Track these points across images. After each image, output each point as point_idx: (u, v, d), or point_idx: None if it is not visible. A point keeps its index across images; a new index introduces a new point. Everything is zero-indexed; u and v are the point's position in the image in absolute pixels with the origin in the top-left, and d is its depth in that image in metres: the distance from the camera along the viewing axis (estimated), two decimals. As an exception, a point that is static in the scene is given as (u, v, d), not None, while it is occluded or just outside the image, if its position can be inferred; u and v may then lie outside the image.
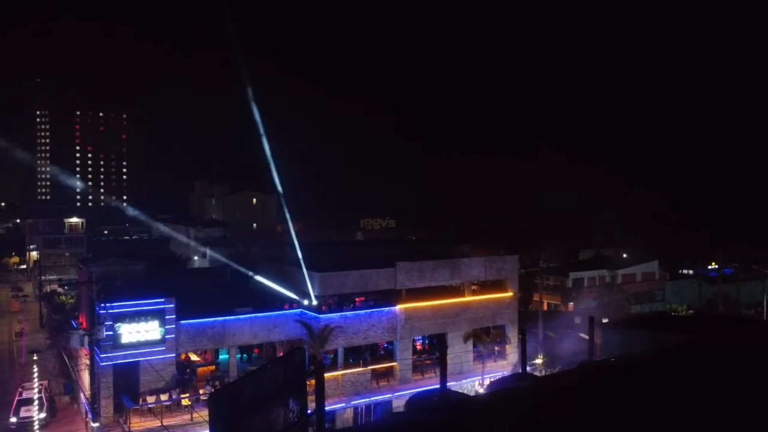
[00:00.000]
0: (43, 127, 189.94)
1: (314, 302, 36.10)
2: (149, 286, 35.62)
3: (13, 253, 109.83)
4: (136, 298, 32.22)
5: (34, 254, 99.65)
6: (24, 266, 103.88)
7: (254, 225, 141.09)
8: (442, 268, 40.65)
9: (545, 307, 68.75)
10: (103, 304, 30.18)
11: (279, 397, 19.35)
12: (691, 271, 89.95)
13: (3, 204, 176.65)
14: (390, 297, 38.74)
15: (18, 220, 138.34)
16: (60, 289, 70.27)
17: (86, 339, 30.30)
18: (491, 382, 29.11)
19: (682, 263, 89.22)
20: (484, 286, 44.11)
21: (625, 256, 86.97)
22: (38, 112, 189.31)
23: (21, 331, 59.35)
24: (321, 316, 35.59)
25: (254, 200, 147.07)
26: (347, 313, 36.75)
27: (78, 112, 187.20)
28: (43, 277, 74.87)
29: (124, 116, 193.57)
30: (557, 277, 73.45)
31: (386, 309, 37.99)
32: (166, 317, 32.81)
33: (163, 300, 32.79)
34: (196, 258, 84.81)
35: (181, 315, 33.46)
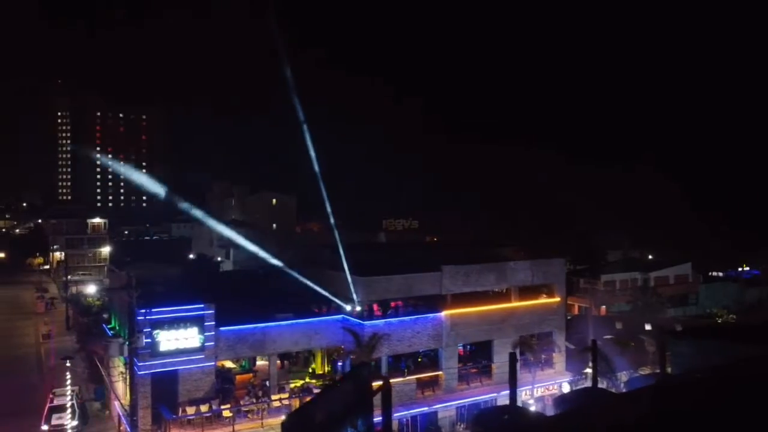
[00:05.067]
0: (64, 128, 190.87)
1: (357, 307, 34.48)
2: (185, 290, 34.20)
3: (37, 254, 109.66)
4: (176, 304, 30.73)
5: (58, 255, 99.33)
6: (47, 266, 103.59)
7: (274, 226, 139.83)
8: (488, 272, 38.77)
9: (576, 311, 66.65)
10: (143, 311, 28.76)
11: (348, 417, 17.78)
12: (720, 273, 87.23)
13: (25, 204, 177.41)
14: (433, 302, 36.97)
15: (40, 221, 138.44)
16: (90, 291, 69.13)
17: (125, 348, 28.92)
18: (556, 398, 27.08)
19: (711, 265, 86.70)
20: (527, 291, 42.16)
21: (650, 257, 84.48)
22: (59, 113, 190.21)
23: (48, 333, 58.40)
24: (365, 322, 33.94)
25: (274, 201, 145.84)
26: (391, 319, 35.00)
27: (98, 113, 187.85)
28: (68, 278, 74.04)
29: (144, 117, 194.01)
30: (589, 279, 71.24)
31: (431, 315, 36.19)
32: (206, 323, 31.28)
33: (202, 305, 31.26)
34: (219, 259, 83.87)
35: (220, 321, 32.01)
